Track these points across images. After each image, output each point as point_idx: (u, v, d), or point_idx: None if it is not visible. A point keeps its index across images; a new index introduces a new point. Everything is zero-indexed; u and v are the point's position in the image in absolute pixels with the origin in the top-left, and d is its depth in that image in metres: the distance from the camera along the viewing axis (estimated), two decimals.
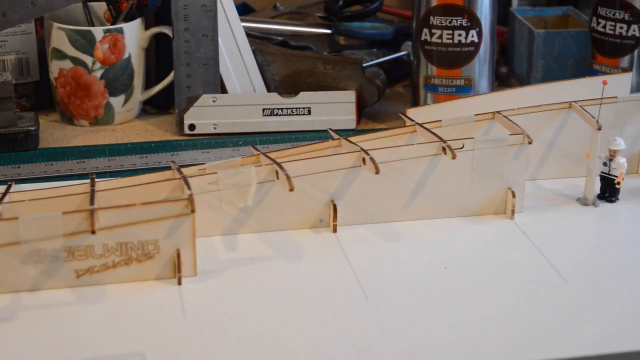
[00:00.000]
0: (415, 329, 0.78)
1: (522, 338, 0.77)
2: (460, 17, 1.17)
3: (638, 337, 0.77)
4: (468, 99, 1.07)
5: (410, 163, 0.93)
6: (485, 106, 1.03)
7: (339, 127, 1.21)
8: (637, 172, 1.06)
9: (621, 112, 1.03)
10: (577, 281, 0.85)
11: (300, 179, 0.91)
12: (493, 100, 1.06)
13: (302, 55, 1.24)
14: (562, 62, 1.35)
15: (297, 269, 0.87)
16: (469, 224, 0.95)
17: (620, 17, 1.22)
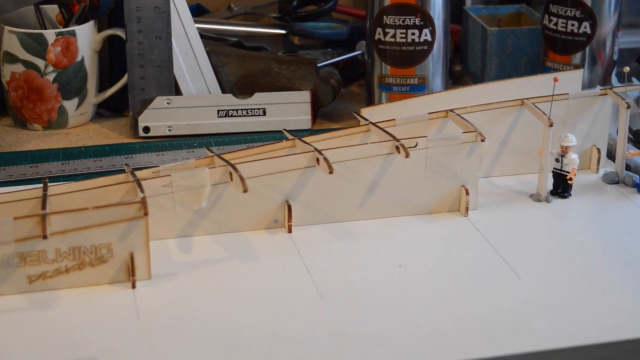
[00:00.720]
0: (370, 327, 0.78)
1: (476, 334, 0.78)
2: (413, 16, 1.17)
3: (590, 331, 0.78)
4: (422, 98, 1.07)
5: (364, 162, 0.93)
6: (439, 104, 1.04)
7: (295, 128, 1.21)
8: (589, 167, 1.07)
9: (573, 109, 1.04)
10: (531, 277, 0.86)
11: (254, 180, 0.91)
12: (447, 99, 1.06)
13: (256, 56, 1.24)
14: (516, 60, 1.36)
15: (252, 270, 0.87)
16: (423, 222, 0.96)
17: (572, 14, 1.23)
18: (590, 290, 0.84)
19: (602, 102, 1.05)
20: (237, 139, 1.19)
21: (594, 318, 0.80)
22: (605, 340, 0.77)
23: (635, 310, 0.81)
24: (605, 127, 1.06)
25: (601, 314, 0.80)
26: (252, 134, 1.21)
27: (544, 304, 0.82)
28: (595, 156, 1.06)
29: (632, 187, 1.03)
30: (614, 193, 1.02)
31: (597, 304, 0.82)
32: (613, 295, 0.83)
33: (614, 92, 1.04)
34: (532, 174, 1.02)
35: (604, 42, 1.25)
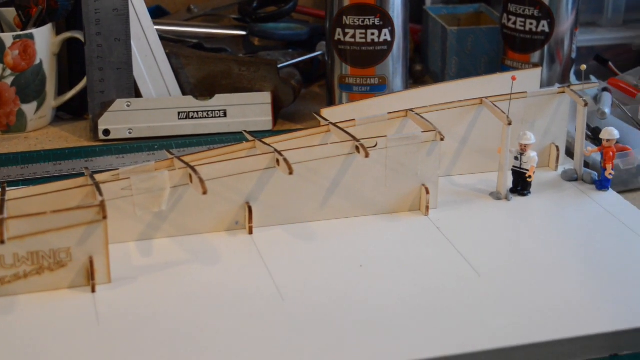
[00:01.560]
0: (331, 327, 0.78)
1: (437, 333, 0.78)
2: (372, 16, 1.17)
3: (549, 328, 0.78)
4: (382, 97, 1.08)
5: (324, 163, 0.93)
6: (399, 104, 1.04)
7: (256, 129, 1.21)
8: (548, 165, 1.08)
9: (531, 107, 1.05)
10: (490, 274, 0.86)
11: (214, 182, 0.90)
12: (407, 98, 1.06)
13: (216, 57, 1.24)
14: (476, 59, 1.36)
15: (213, 272, 0.87)
16: (384, 222, 0.96)
17: (530, 13, 1.24)
18: (549, 287, 0.84)
19: (560, 100, 1.05)
20: (198, 141, 1.19)
21: (552, 315, 0.80)
22: (565, 336, 0.77)
23: (594, 306, 0.81)
24: (564, 125, 1.07)
25: (560, 310, 0.81)
26: (213, 136, 1.20)
27: (503, 302, 0.82)
28: (554, 154, 1.07)
29: (591, 184, 1.03)
30: (573, 190, 1.03)
31: (556, 300, 0.82)
32: (572, 291, 0.84)
33: (571, 90, 1.05)
34: (491, 172, 1.03)
35: (562, 41, 1.26)
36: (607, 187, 1.02)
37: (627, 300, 0.82)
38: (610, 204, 1.00)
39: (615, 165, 1.03)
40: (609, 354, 0.78)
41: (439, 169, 0.98)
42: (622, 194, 1.04)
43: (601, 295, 0.83)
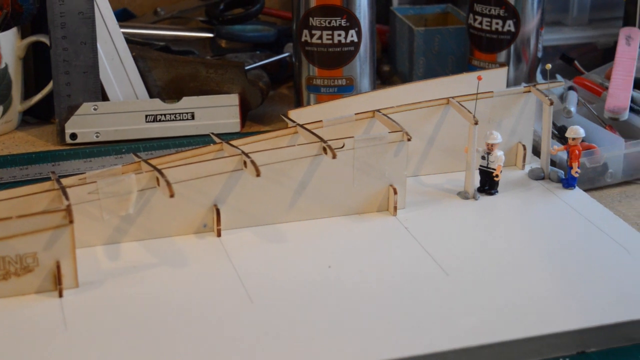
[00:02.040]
0: (300, 328, 0.78)
1: (405, 332, 0.78)
2: (339, 17, 1.18)
3: (517, 326, 0.79)
4: (350, 98, 1.08)
5: (292, 164, 0.93)
6: (366, 105, 1.04)
7: (224, 131, 1.21)
8: (515, 164, 1.09)
9: (498, 106, 1.05)
10: (458, 274, 0.86)
11: (182, 185, 0.90)
12: (374, 99, 1.07)
13: (184, 60, 1.24)
14: (443, 59, 1.37)
15: (181, 276, 0.86)
16: (352, 222, 0.96)
17: (496, 13, 1.25)
18: (517, 286, 0.85)
19: (526, 99, 1.06)
20: (166, 144, 1.18)
21: (520, 313, 0.81)
22: (532, 334, 0.78)
23: (561, 304, 0.82)
24: (530, 124, 1.08)
25: (527, 308, 0.81)
26: (181, 139, 1.20)
27: (471, 300, 0.82)
28: (520, 153, 1.08)
29: (557, 182, 1.04)
30: (540, 189, 1.03)
31: (523, 298, 0.83)
32: (539, 289, 0.84)
33: (537, 89, 1.05)
34: (459, 171, 1.03)
35: (528, 40, 1.27)
36: (574, 185, 1.03)
37: (594, 298, 0.83)
38: (577, 201, 1.00)
39: (582, 164, 1.04)
40: (576, 351, 0.79)
41: (407, 169, 0.98)
42: (589, 191, 1.05)
43: (568, 293, 0.84)
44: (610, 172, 1.07)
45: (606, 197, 1.06)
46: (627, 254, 0.90)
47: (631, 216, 1.02)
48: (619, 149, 1.07)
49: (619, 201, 1.05)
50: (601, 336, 0.79)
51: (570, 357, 0.78)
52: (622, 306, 0.82)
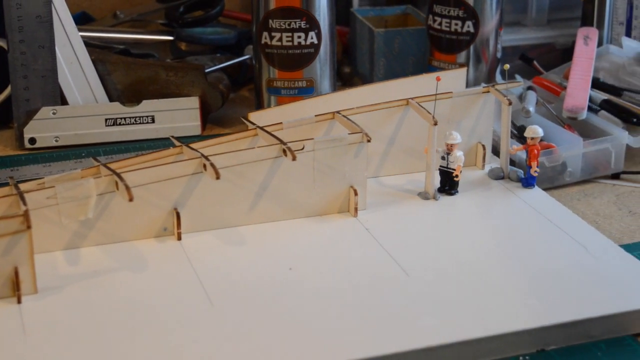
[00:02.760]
0: (262, 331, 0.78)
1: (366, 333, 0.78)
2: (298, 19, 1.18)
3: (477, 325, 0.79)
4: (310, 100, 1.08)
5: (252, 167, 0.93)
6: (327, 106, 1.04)
7: (184, 134, 1.20)
8: (475, 164, 1.09)
9: (457, 107, 1.06)
10: (419, 274, 0.87)
11: (141, 188, 0.90)
12: (335, 100, 1.07)
13: (143, 63, 1.23)
14: (403, 60, 1.37)
15: (141, 280, 0.86)
16: (313, 224, 0.96)
17: (455, 14, 1.26)
18: (477, 285, 0.85)
19: (485, 100, 1.07)
20: (126, 148, 1.18)
21: (480, 312, 0.81)
22: (492, 333, 0.78)
23: (520, 302, 0.82)
24: (490, 124, 1.08)
25: (487, 307, 0.82)
26: (142, 142, 1.20)
27: (432, 300, 0.83)
28: (480, 153, 1.08)
29: (517, 181, 1.05)
30: (500, 188, 1.04)
31: (484, 297, 0.83)
32: (499, 288, 0.85)
33: (496, 89, 1.06)
34: (419, 172, 1.04)
35: (487, 41, 1.27)
36: (533, 185, 1.04)
37: (553, 296, 0.84)
38: (536, 201, 1.01)
39: (541, 163, 1.05)
40: (536, 349, 0.79)
41: (367, 170, 0.98)
42: (548, 190, 1.06)
43: (528, 292, 0.84)
44: (569, 171, 1.08)
45: (565, 195, 1.07)
46: (586, 252, 0.90)
47: (590, 214, 1.03)
48: (578, 148, 1.08)
49: (578, 200, 1.06)
50: (561, 334, 0.80)
51: (530, 355, 0.79)
52: (581, 304, 0.82)
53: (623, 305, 0.82)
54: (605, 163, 1.10)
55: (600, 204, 1.05)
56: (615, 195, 1.07)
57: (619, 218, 1.02)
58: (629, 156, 1.14)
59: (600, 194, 1.08)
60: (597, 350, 0.80)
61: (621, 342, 0.81)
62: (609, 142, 1.10)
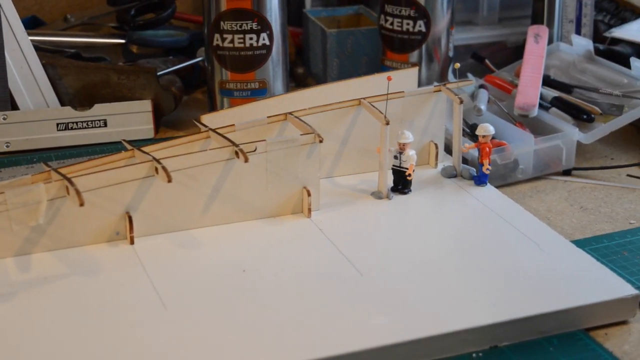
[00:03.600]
0: (215, 334, 0.78)
1: (320, 333, 0.78)
2: (250, 20, 1.17)
3: (430, 323, 0.79)
4: (263, 101, 1.08)
5: (204, 169, 0.93)
6: (280, 107, 1.04)
7: (137, 137, 1.20)
8: (428, 163, 1.10)
9: (409, 106, 1.06)
10: (372, 274, 0.87)
11: (92, 193, 0.89)
12: (288, 102, 1.07)
13: (95, 66, 1.22)
14: (356, 60, 1.38)
15: (93, 285, 0.85)
16: (267, 225, 0.96)
17: (406, 13, 1.26)
18: (430, 283, 0.86)
19: (437, 99, 1.07)
20: (79, 152, 1.17)
21: (433, 310, 0.81)
22: (445, 331, 0.78)
23: (472, 300, 0.83)
24: (442, 123, 1.09)
25: (440, 305, 0.82)
26: (94, 146, 1.19)
27: (385, 300, 0.83)
28: (433, 151, 1.09)
29: (470, 179, 1.05)
30: (452, 186, 1.04)
31: (436, 295, 0.84)
32: (451, 286, 0.85)
33: (447, 88, 1.06)
34: (372, 172, 1.04)
35: (439, 40, 1.28)
36: (485, 182, 1.04)
37: (506, 293, 0.84)
38: (489, 198, 1.02)
39: (493, 160, 1.05)
40: (489, 345, 0.80)
41: (320, 171, 0.98)
42: (501, 188, 1.07)
43: (480, 289, 0.85)
44: (521, 168, 1.09)
45: (517, 192, 1.08)
46: (538, 249, 0.91)
47: (542, 211, 1.03)
48: (529, 145, 1.09)
49: (530, 196, 1.07)
50: (513, 330, 0.80)
51: (483, 352, 0.79)
52: (533, 300, 0.83)
53: (574, 301, 0.83)
54: (556, 160, 1.11)
55: (552, 200, 1.06)
56: (567, 191, 1.08)
57: (571, 214, 1.03)
58: (579, 152, 1.15)
59: (552, 190, 1.09)
60: (549, 345, 0.80)
61: (573, 336, 0.81)
62: (560, 139, 1.11)
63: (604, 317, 0.83)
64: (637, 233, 0.99)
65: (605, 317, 0.83)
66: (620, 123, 1.14)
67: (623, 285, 0.85)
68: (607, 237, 0.98)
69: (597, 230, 1.00)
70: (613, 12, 1.45)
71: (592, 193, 1.08)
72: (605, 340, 0.81)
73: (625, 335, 0.82)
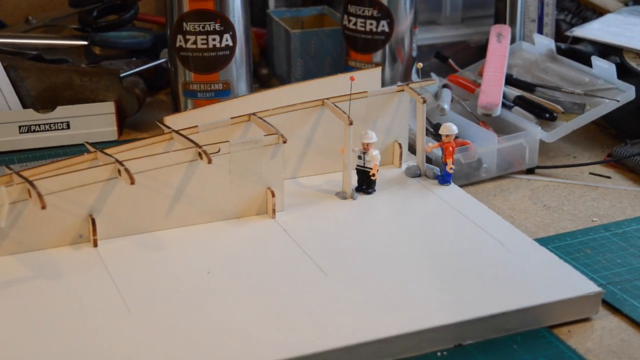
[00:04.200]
0: (180, 336, 0.78)
1: (286, 334, 0.78)
2: (212, 21, 1.17)
3: (394, 323, 0.79)
4: (226, 102, 1.07)
5: (167, 171, 0.93)
6: (243, 108, 1.03)
7: (101, 140, 1.19)
8: (392, 162, 1.10)
9: (372, 106, 1.06)
10: (337, 274, 0.87)
11: (55, 196, 0.89)
12: (251, 102, 1.06)
13: (57, 68, 1.22)
14: (320, 61, 1.38)
15: (56, 288, 0.85)
16: (231, 227, 0.96)
17: (369, 14, 1.26)
18: (395, 283, 0.86)
19: (400, 98, 1.07)
20: (42, 155, 1.16)
21: (398, 309, 0.82)
22: (410, 330, 0.79)
23: (437, 299, 0.83)
24: (405, 123, 1.09)
25: (404, 304, 0.82)
26: (57, 149, 1.18)
27: (350, 299, 0.83)
28: (397, 151, 1.09)
29: (434, 179, 1.06)
30: (417, 186, 1.05)
31: (401, 295, 0.84)
32: (416, 285, 0.85)
33: (410, 88, 1.07)
34: (337, 172, 1.04)
35: (402, 40, 1.28)
36: (449, 182, 1.05)
37: (469, 291, 0.84)
38: (453, 197, 1.02)
39: (456, 160, 1.06)
40: (453, 344, 0.80)
41: (284, 172, 0.98)
42: (464, 187, 1.07)
43: (445, 288, 0.85)
44: (485, 167, 1.10)
45: (481, 191, 1.08)
46: (501, 247, 0.92)
47: (506, 209, 1.04)
48: (493, 145, 1.09)
49: (494, 195, 1.07)
50: (477, 328, 0.81)
51: (448, 351, 0.80)
52: (496, 298, 0.83)
53: (538, 298, 0.83)
54: (519, 158, 1.12)
55: (516, 199, 1.07)
56: (530, 190, 1.09)
57: (534, 212, 1.04)
58: (543, 151, 1.15)
59: (516, 189, 1.09)
60: (513, 343, 0.81)
61: (536, 334, 0.82)
62: (523, 138, 1.11)
63: (567, 315, 0.84)
64: (599, 231, 0.99)
65: (569, 314, 0.84)
66: (583, 121, 1.15)
67: (586, 283, 0.85)
68: (570, 235, 0.99)
69: (560, 228, 1.00)
70: (574, 11, 1.46)
71: (555, 191, 1.09)
72: (568, 337, 0.82)
73: (589, 332, 0.83)
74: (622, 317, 0.85)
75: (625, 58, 1.23)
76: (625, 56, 1.24)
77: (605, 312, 0.86)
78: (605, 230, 0.99)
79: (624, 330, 0.83)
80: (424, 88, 1.11)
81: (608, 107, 1.15)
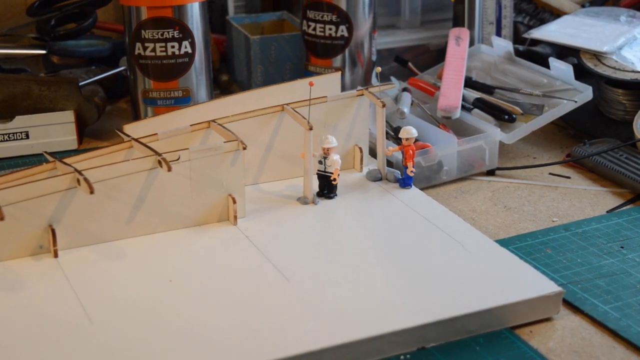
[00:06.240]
0: (143, 346, 0.78)
1: (248, 340, 0.78)
2: (171, 29, 1.17)
3: (357, 327, 0.80)
4: (186, 110, 1.07)
5: (127, 179, 0.92)
6: (203, 115, 1.03)
7: (60, 149, 1.18)
8: (353, 166, 1.10)
9: (332, 111, 1.07)
10: (299, 279, 0.87)
11: (13, 207, 0.88)
12: (211, 109, 1.06)
13: (14, 78, 1.21)
14: (280, 66, 1.38)
15: (17, 300, 0.84)
16: (193, 234, 0.95)
17: (328, 19, 1.26)
18: (356, 287, 0.86)
19: (359, 103, 1.08)
20: (0, 165, 1.15)
21: (360, 313, 0.82)
22: (372, 334, 0.79)
23: (399, 302, 0.83)
24: (365, 127, 1.09)
25: (367, 308, 0.82)
26: (16, 159, 1.17)
27: (312, 305, 0.83)
28: (357, 155, 1.09)
29: (395, 182, 1.06)
30: (378, 190, 1.05)
31: (363, 299, 0.84)
32: (378, 289, 0.86)
33: (369, 92, 1.07)
34: (298, 177, 1.04)
35: (361, 44, 1.29)
36: (410, 185, 1.05)
37: (431, 293, 0.85)
38: (414, 200, 1.02)
39: (417, 163, 1.06)
40: (416, 347, 0.80)
41: (245, 178, 0.98)
42: (426, 190, 1.08)
43: (406, 291, 0.85)
44: (446, 170, 1.10)
45: (443, 194, 1.09)
46: (462, 249, 0.92)
47: (467, 211, 1.05)
48: (453, 147, 1.10)
49: (455, 197, 1.08)
50: (439, 331, 0.81)
51: (411, 354, 0.80)
52: (458, 300, 0.84)
53: (499, 300, 0.84)
54: (480, 160, 1.12)
55: (477, 200, 1.07)
56: (491, 191, 1.10)
57: (495, 213, 1.04)
58: (502, 153, 1.16)
59: (477, 190, 1.10)
60: (475, 344, 0.81)
61: (499, 335, 0.82)
62: (482, 140, 1.12)
63: (529, 315, 0.84)
64: (559, 231, 1.00)
65: (530, 314, 0.84)
66: (541, 122, 1.16)
67: (547, 283, 0.86)
68: (531, 235, 0.99)
69: (521, 229, 1.01)
70: (532, 13, 1.47)
71: (516, 192, 1.10)
72: (530, 337, 0.82)
73: (550, 332, 0.83)
74: (583, 317, 0.86)
75: (582, 59, 1.24)
76: (582, 57, 1.25)
77: (567, 311, 0.86)
78: (565, 230, 1.00)
79: (584, 329, 0.84)
80: (384, 92, 1.11)
81: (566, 108, 1.16)
